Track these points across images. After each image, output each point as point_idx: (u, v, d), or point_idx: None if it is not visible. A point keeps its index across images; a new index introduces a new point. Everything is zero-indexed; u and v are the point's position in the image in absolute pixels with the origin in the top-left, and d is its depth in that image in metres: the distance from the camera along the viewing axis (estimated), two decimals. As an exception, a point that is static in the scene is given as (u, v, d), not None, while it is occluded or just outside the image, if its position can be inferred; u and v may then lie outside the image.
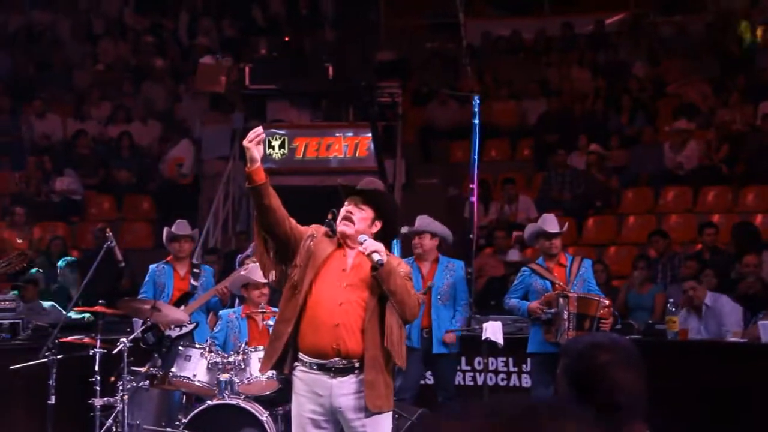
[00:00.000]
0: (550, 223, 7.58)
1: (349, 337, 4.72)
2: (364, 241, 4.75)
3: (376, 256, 4.67)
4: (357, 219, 4.83)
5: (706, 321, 8.32)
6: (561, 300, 7.20)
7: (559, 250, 7.55)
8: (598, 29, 15.32)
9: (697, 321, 8.37)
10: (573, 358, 2.46)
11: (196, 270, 8.06)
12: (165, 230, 8.17)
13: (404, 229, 7.83)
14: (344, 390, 4.75)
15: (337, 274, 4.82)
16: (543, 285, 7.45)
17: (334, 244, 4.91)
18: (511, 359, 8.67)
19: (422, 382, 8.19)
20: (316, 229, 4.96)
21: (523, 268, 7.82)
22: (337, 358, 4.75)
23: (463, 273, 7.84)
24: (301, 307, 4.77)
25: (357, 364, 4.75)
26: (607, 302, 7.30)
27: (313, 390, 4.78)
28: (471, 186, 9.69)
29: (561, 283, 7.38)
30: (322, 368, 4.77)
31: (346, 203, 4.90)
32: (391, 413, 4.95)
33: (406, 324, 4.93)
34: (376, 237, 4.87)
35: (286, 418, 6.36)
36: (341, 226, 4.85)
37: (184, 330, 7.56)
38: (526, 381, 8.50)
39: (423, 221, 8.02)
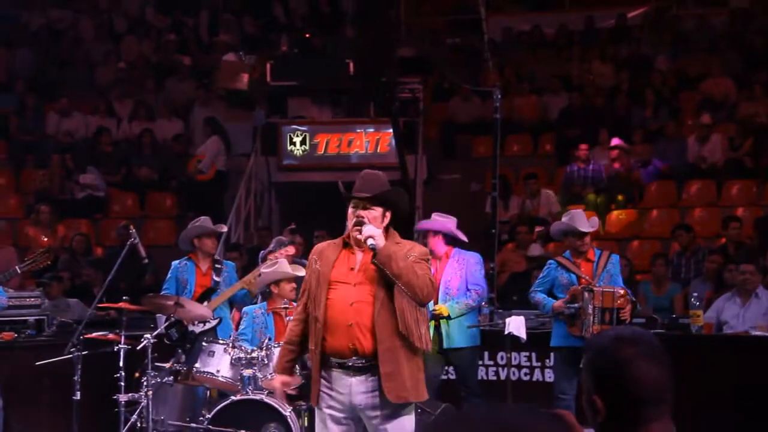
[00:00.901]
0: (580, 221, 7.46)
1: (364, 336, 4.72)
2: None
3: (369, 241, 4.66)
4: (369, 220, 4.79)
5: (748, 310, 8.19)
6: (586, 294, 7.16)
7: (588, 247, 7.48)
8: (620, 23, 15.25)
9: (739, 308, 8.23)
10: (596, 353, 2.44)
11: (218, 265, 8.06)
12: (194, 226, 8.10)
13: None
14: (363, 388, 4.76)
15: (346, 274, 4.83)
16: (569, 279, 7.40)
17: (339, 247, 4.91)
18: (534, 354, 8.65)
19: (445, 377, 8.18)
20: (316, 250, 5.02)
21: (550, 261, 7.75)
22: (354, 358, 4.75)
23: (474, 264, 7.72)
24: (323, 323, 4.78)
25: (375, 362, 4.75)
26: (621, 291, 7.23)
27: (333, 387, 4.80)
28: (493, 181, 9.68)
29: (587, 277, 7.34)
30: (341, 367, 4.78)
31: (351, 206, 4.85)
32: (412, 407, 4.89)
33: (422, 305, 4.84)
34: (389, 224, 4.90)
35: (310, 413, 6.39)
36: (355, 233, 4.80)
37: (208, 326, 7.58)
38: (549, 376, 8.48)
39: (423, 221, 8.00)
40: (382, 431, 4.78)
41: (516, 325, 7.36)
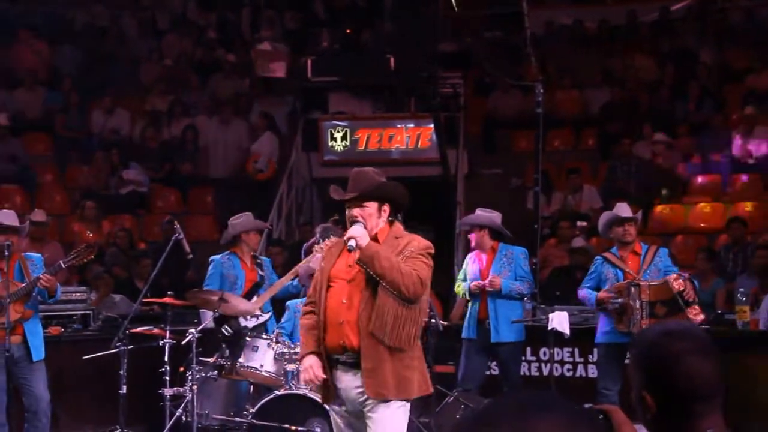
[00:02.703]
0: (622, 208, 7.49)
1: (352, 332, 4.73)
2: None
3: (350, 243, 4.64)
4: (365, 218, 4.77)
5: None
6: (632, 289, 7.11)
7: (633, 237, 7.43)
8: (663, 16, 15.09)
9: None
10: (645, 348, 2.42)
11: (258, 260, 8.12)
12: (246, 221, 8.07)
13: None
14: (354, 384, 4.78)
15: (344, 271, 4.83)
16: (615, 274, 7.37)
17: (341, 245, 4.91)
18: (577, 349, 8.61)
19: (488, 372, 8.18)
20: (325, 247, 5.10)
21: (596, 257, 7.75)
22: (345, 355, 4.76)
23: (522, 257, 7.80)
24: (323, 321, 4.81)
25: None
26: (673, 275, 7.13)
27: (334, 383, 4.84)
28: (535, 176, 9.64)
29: (632, 272, 7.30)
30: (338, 363, 4.82)
31: (347, 208, 4.83)
32: (404, 405, 4.76)
33: (410, 303, 4.66)
34: (394, 217, 4.86)
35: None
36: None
37: (260, 320, 7.59)
38: (593, 371, 8.44)
39: (468, 216, 8.07)
40: (374, 428, 4.74)
41: (559, 320, 7.34)
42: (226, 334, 7.35)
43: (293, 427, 6.68)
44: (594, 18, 15.40)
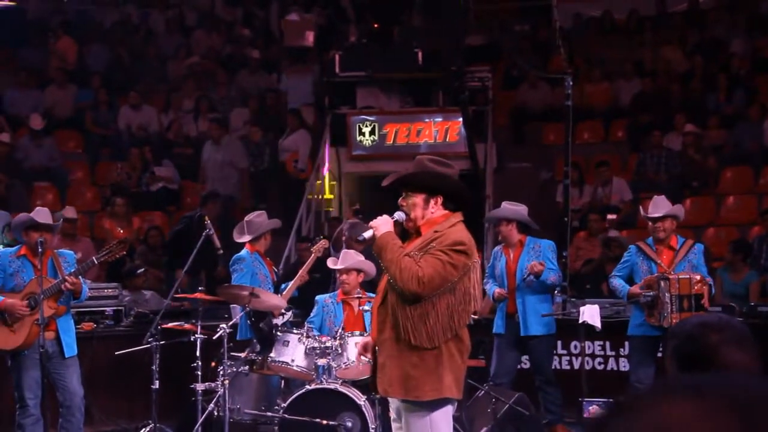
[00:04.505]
0: (654, 205, 7.43)
1: (374, 325, 4.73)
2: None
3: (366, 233, 4.60)
4: (408, 208, 4.68)
5: None
6: (662, 282, 7.08)
7: (666, 234, 7.37)
8: (693, 6, 14.95)
9: None
10: (682, 340, 2.40)
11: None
12: (270, 221, 7.97)
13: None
14: None
15: None
16: (648, 266, 7.33)
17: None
18: (608, 343, 8.57)
19: (519, 366, 8.15)
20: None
21: (631, 246, 7.71)
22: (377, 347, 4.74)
23: (550, 250, 7.76)
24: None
25: None
26: (698, 276, 7.11)
27: None
28: (565, 169, 9.59)
29: (664, 266, 7.25)
30: None
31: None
32: (426, 410, 4.52)
33: (408, 301, 4.46)
34: (449, 208, 4.69)
35: (384, 402, 6.40)
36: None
37: (288, 317, 7.59)
38: (624, 365, 8.40)
39: (495, 210, 8.06)
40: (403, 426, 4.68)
41: (590, 313, 7.31)
42: (265, 332, 7.29)
43: (324, 422, 6.70)
44: (623, 9, 15.30)
